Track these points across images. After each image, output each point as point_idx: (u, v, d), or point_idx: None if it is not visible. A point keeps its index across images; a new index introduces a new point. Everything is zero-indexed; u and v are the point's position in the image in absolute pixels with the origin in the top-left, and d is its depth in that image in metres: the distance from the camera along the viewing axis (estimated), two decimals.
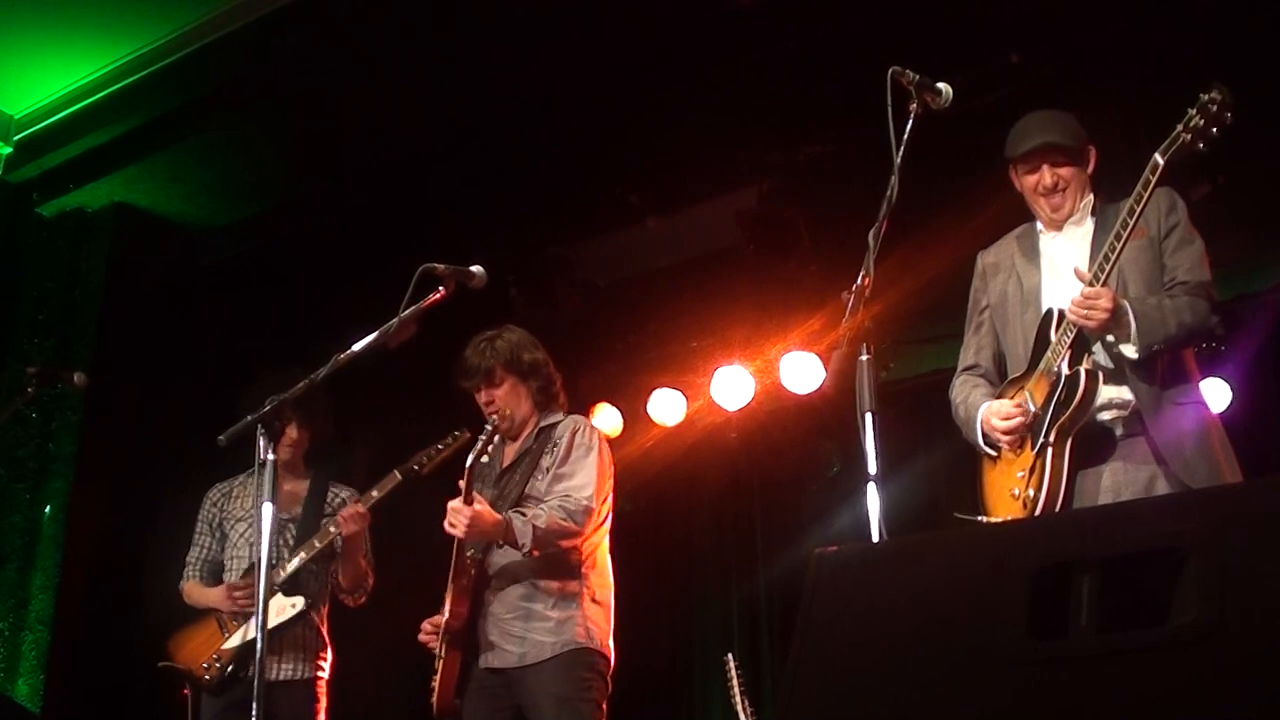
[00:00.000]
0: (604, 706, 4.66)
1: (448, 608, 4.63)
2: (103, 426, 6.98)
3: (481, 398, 4.89)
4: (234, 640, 5.13)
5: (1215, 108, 3.62)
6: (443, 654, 4.61)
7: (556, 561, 4.67)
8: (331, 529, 5.19)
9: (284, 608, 5.13)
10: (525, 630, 4.61)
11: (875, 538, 3.39)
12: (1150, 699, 1.97)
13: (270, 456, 4.00)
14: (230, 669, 5.09)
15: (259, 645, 3.74)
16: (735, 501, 8.52)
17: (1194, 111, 3.65)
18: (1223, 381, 6.71)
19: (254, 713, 3.67)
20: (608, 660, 4.71)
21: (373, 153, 6.86)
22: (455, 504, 4.49)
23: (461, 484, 4.51)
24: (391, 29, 6.03)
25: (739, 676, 6.05)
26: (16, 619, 6.64)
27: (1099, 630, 2.07)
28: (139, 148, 6.92)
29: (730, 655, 6.17)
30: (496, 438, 4.67)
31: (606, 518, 4.85)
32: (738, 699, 5.99)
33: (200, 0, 6.19)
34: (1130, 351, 3.84)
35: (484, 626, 4.67)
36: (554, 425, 4.90)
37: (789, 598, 7.78)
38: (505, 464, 4.91)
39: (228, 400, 5.13)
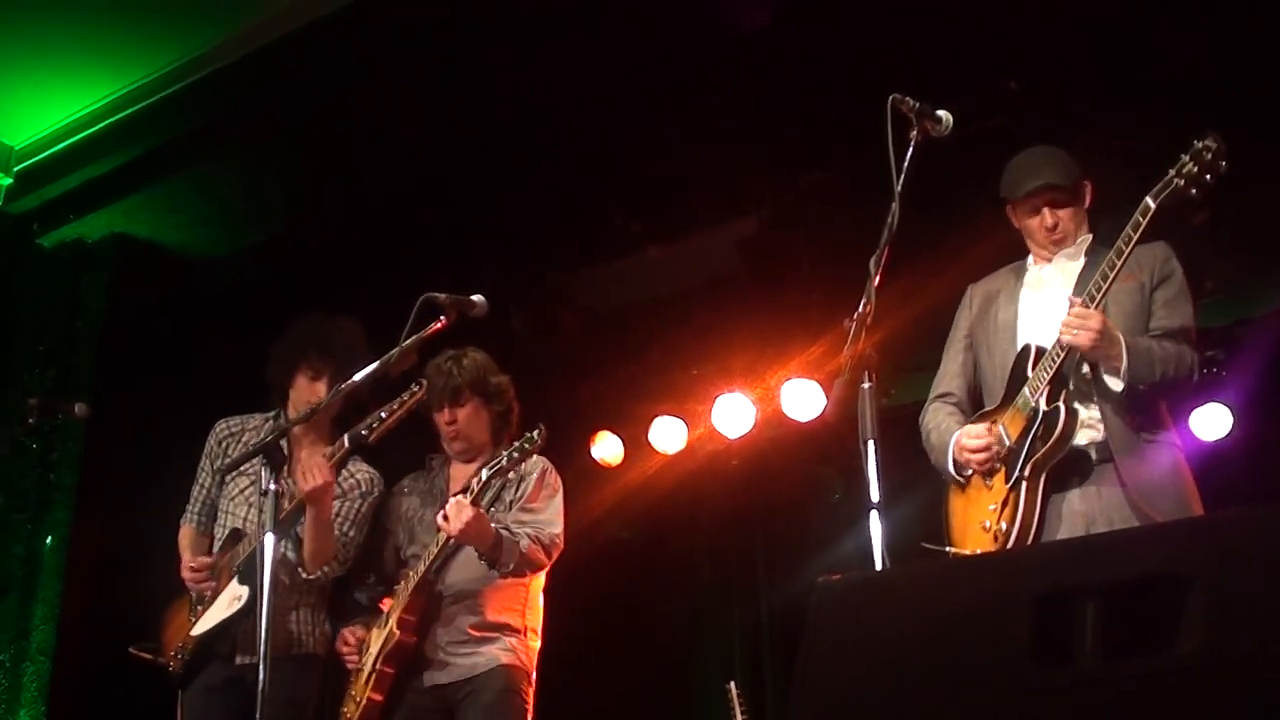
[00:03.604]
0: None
1: (397, 616, 4.62)
2: (103, 457, 6.96)
3: (444, 417, 4.82)
4: (198, 629, 4.75)
5: (1209, 155, 3.59)
6: (377, 666, 4.59)
7: (506, 593, 4.74)
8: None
9: (232, 599, 4.65)
10: (467, 650, 4.66)
11: (878, 565, 3.39)
12: None
13: (272, 486, 3.98)
14: (192, 659, 4.74)
15: (261, 677, 3.72)
16: (737, 529, 8.51)
17: (1187, 158, 3.62)
18: (1223, 406, 6.70)
19: None
20: (532, 684, 4.77)
21: (372, 182, 6.87)
22: (462, 499, 4.43)
23: (475, 483, 4.47)
24: (391, 71, 6.05)
25: (741, 704, 6.03)
26: (18, 650, 6.62)
27: (1104, 657, 2.07)
28: (139, 178, 6.93)
29: (733, 683, 6.15)
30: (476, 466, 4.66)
31: None
32: None
33: (199, 32, 6.21)
34: (1115, 384, 3.82)
35: (426, 646, 4.68)
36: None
37: (791, 625, 7.75)
38: (455, 489, 4.73)
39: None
